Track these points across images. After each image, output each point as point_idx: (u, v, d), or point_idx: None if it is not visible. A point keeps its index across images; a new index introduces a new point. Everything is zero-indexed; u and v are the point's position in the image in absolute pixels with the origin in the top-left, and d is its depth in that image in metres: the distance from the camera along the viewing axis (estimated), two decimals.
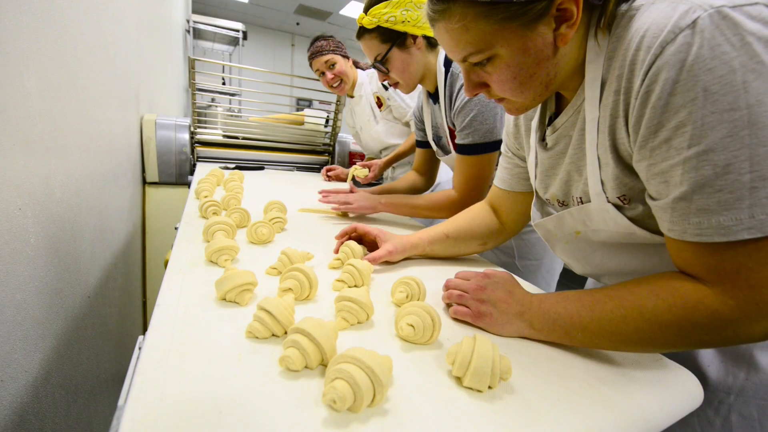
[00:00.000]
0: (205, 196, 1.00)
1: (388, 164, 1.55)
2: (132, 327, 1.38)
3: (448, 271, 0.73)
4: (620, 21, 0.41)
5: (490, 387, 0.39)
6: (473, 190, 0.96)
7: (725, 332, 0.38)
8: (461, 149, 0.94)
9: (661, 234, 0.44)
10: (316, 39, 1.53)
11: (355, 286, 0.60)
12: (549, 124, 0.55)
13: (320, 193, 1.08)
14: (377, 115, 1.62)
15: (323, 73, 1.55)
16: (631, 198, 0.46)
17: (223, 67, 4.79)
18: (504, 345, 0.49)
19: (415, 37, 0.93)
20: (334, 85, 1.56)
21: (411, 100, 1.52)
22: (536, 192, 0.63)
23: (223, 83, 4.56)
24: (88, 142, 0.89)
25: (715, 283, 0.38)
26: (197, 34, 4.85)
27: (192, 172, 1.62)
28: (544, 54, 0.43)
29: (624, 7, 0.41)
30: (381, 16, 0.90)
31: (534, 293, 0.53)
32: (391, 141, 1.64)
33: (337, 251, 0.74)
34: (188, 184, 1.59)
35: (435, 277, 0.70)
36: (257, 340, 0.43)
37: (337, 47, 1.53)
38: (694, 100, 0.34)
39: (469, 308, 0.53)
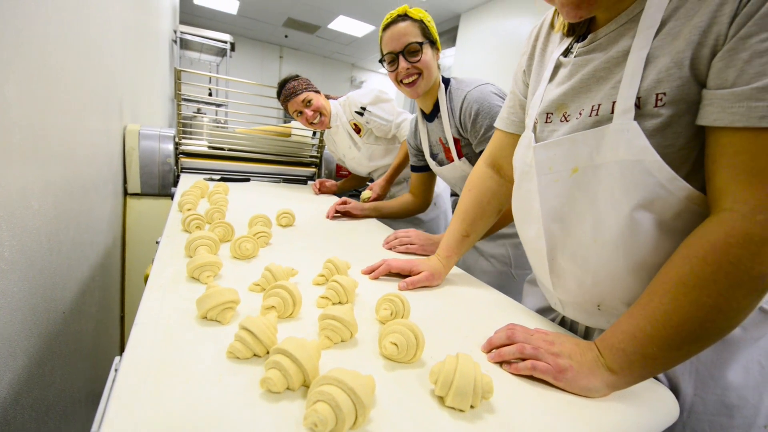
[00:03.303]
0: (189, 209, 0.98)
1: (389, 181, 1.56)
2: (108, 344, 1.34)
3: (432, 291, 0.74)
4: None
5: (472, 406, 0.40)
6: None
7: (763, 252, 0.37)
8: None
9: (669, 168, 0.43)
10: (285, 82, 1.54)
11: (340, 302, 0.60)
12: (582, 40, 0.54)
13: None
14: (357, 142, 1.63)
15: (301, 113, 1.55)
16: (668, 102, 0.43)
17: (210, 78, 4.77)
18: (486, 363, 0.50)
19: (437, 50, 1.06)
20: (315, 121, 1.56)
21: (389, 116, 1.55)
22: (533, 122, 0.60)
23: (210, 94, 4.54)
24: (69, 153, 0.88)
25: (747, 197, 0.38)
26: (184, 44, 4.83)
27: (175, 184, 1.60)
28: None
29: None
30: (425, 16, 1.03)
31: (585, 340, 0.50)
32: (376, 164, 1.67)
33: (375, 276, 0.75)
34: (171, 196, 1.57)
35: (419, 294, 0.71)
36: (238, 361, 0.42)
37: (308, 85, 1.55)
38: None
39: (548, 364, 0.46)
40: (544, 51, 0.63)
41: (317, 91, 1.58)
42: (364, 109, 1.53)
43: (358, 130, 1.62)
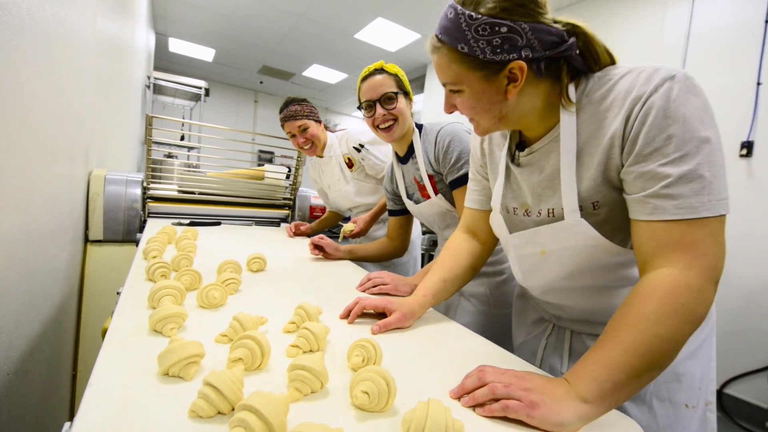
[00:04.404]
0: (154, 257, 0.95)
1: (373, 218, 1.57)
2: (57, 406, 1.22)
3: (406, 333, 0.74)
4: (602, 84, 0.59)
5: None
6: None
7: (701, 297, 0.49)
8: (459, 181, 1.06)
9: (616, 244, 0.60)
10: (290, 102, 1.59)
11: (311, 351, 0.59)
12: (521, 149, 0.69)
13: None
14: (347, 176, 1.67)
15: (294, 135, 1.60)
16: (601, 204, 0.60)
17: (182, 123, 4.77)
18: (456, 407, 0.49)
19: (410, 101, 1.19)
20: (305, 147, 1.62)
21: (385, 157, 1.61)
22: (502, 207, 0.75)
23: (182, 138, 4.51)
24: (27, 201, 0.85)
25: (677, 259, 0.50)
26: (158, 89, 4.85)
27: (141, 229, 1.55)
28: (496, 99, 0.61)
29: (598, 75, 0.60)
30: (399, 71, 1.16)
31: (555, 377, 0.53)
32: (360, 200, 1.70)
33: (351, 320, 0.75)
34: (136, 242, 1.52)
35: (393, 336, 0.70)
36: (201, 420, 0.40)
37: (311, 112, 1.60)
38: (676, 122, 0.51)
39: (520, 401, 0.47)
40: (492, 148, 0.80)
41: (318, 121, 1.64)
42: (362, 146, 1.58)
43: (350, 164, 1.66)
